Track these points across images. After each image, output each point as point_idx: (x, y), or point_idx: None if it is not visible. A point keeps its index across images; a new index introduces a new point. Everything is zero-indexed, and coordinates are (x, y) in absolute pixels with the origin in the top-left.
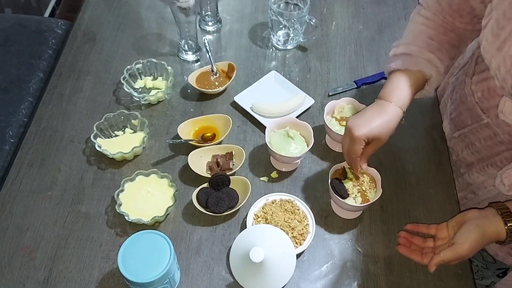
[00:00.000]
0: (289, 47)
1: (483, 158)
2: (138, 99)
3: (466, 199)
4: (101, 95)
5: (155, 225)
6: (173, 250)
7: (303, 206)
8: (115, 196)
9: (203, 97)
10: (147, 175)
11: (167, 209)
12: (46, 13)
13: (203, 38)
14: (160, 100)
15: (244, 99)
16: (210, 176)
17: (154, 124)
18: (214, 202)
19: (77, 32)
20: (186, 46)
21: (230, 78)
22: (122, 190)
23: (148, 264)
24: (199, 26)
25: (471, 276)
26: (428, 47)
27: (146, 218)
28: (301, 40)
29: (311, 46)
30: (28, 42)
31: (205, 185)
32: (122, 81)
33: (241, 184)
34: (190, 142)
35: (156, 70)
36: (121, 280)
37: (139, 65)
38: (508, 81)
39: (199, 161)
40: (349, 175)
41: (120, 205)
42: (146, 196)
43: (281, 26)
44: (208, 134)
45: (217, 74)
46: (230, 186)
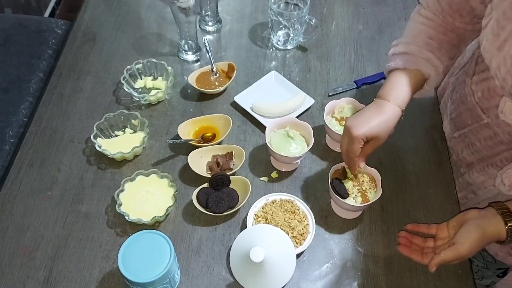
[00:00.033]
0: (289, 47)
1: (483, 158)
2: (138, 99)
3: (466, 199)
4: (101, 95)
5: (155, 225)
6: (173, 250)
7: (303, 206)
8: (115, 196)
9: (203, 97)
10: (147, 175)
11: (167, 209)
12: (46, 13)
13: (203, 38)
14: (160, 100)
15: (244, 99)
16: (210, 176)
17: (154, 124)
18: (214, 202)
19: (77, 32)
20: (186, 46)
21: (230, 78)
22: (122, 190)
23: (148, 264)
24: (199, 26)
25: (471, 276)
26: (428, 47)
27: (146, 218)
28: (301, 40)
29: (311, 46)
30: (28, 42)
31: (205, 185)
32: (122, 81)
33: (241, 184)
34: (190, 142)
35: (156, 70)
36: (121, 280)
37: (139, 65)
38: (508, 81)
39: (199, 161)
40: (349, 175)
41: (120, 205)
42: (146, 196)
43: (281, 26)
44: (208, 134)
45: (217, 74)
46: (230, 186)
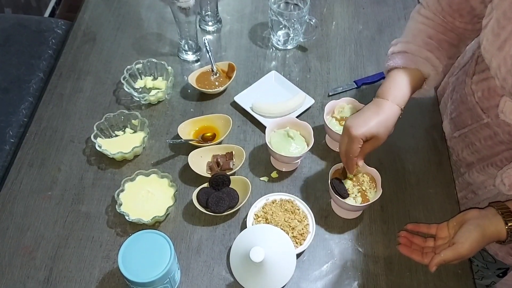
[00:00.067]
0: (289, 47)
1: (483, 158)
2: (138, 99)
3: (466, 199)
4: (101, 95)
5: (156, 225)
6: (174, 250)
7: (303, 206)
8: (116, 196)
9: (203, 97)
10: (147, 175)
11: (167, 209)
12: (46, 13)
13: (203, 38)
14: (160, 100)
15: (244, 99)
16: (210, 176)
17: (154, 124)
18: (214, 202)
19: (77, 32)
20: (186, 46)
21: (230, 78)
22: (123, 190)
23: (149, 264)
24: (199, 26)
25: (471, 276)
26: (427, 46)
27: (147, 218)
28: (301, 40)
29: (311, 46)
30: (28, 42)
31: (205, 185)
32: (122, 81)
33: (241, 184)
34: (190, 142)
35: (156, 70)
36: (122, 280)
37: (139, 65)
38: (509, 81)
39: (199, 161)
40: (349, 175)
41: (121, 205)
42: (147, 196)
43: (281, 26)
44: (208, 134)
45: (217, 74)
46: (230, 186)
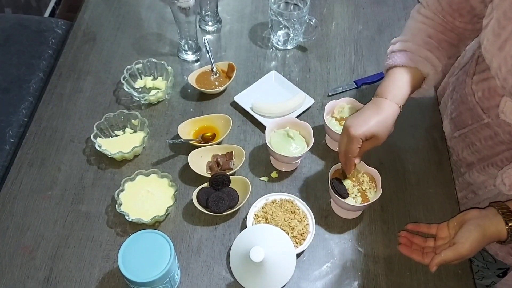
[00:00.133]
0: (289, 47)
1: (484, 158)
2: (138, 99)
3: (467, 199)
4: (101, 95)
5: (155, 225)
6: (173, 250)
7: (303, 206)
8: (115, 196)
9: (203, 97)
10: (147, 175)
11: (167, 209)
12: (46, 13)
13: (203, 38)
14: (160, 100)
15: (244, 99)
16: (210, 176)
17: (154, 124)
18: (214, 202)
19: (77, 32)
20: (186, 46)
21: (230, 78)
22: (122, 190)
23: (149, 264)
24: (199, 26)
25: (471, 276)
26: (426, 46)
27: (146, 218)
28: (301, 40)
29: (311, 46)
30: (28, 42)
31: (205, 185)
32: (122, 81)
33: (241, 184)
34: (190, 142)
35: (156, 70)
36: (122, 280)
37: (139, 65)
38: (509, 81)
39: (199, 161)
40: (349, 175)
41: (120, 205)
42: (146, 196)
43: (281, 26)
44: (208, 134)
45: (217, 74)
46: (230, 186)
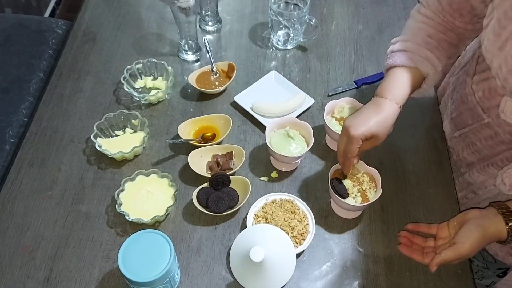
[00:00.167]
0: (289, 47)
1: (484, 158)
2: (138, 99)
3: (467, 199)
4: (101, 95)
5: (155, 225)
6: (173, 250)
7: (303, 206)
8: (115, 196)
9: (203, 97)
10: (147, 175)
11: (167, 209)
12: (46, 13)
13: (203, 38)
14: (160, 100)
15: (244, 99)
16: (210, 176)
17: (154, 124)
18: (214, 202)
19: (77, 32)
20: (186, 46)
21: (230, 78)
22: (122, 190)
23: (149, 264)
24: (199, 26)
25: (471, 276)
26: (426, 45)
27: (146, 218)
28: (301, 40)
29: (311, 46)
30: (29, 42)
31: (205, 185)
32: (122, 81)
33: (241, 184)
34: (190, 142)
35: (156, 70)
36: (122, 280)
37: (139, 65)
38: (510, 81)
39: (199, 161)
40: (349, 175)
41: (121, 205)
42: (146, 196)
43: (281, 26)
44: (208, 134)
45: (217, 74)
46: (230, 186)
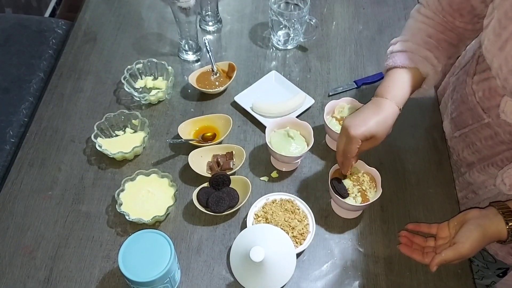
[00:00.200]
0: (289, 47)
1: (484, 158)
2: (139, 99)
3: (467, 199)
4: (102, 95)
5: (156, 225)
6: (174, 250)
7: (303, 206)
8: (116, 196)
9: (204, 97)
10: (148, 175)
11: (168, 209)
12: (47, 13)
13: (204, 38)
14: (161, 100)
15: (245, 99)
16: (211, 176)
17: (155, 124)
18: (215, 202)
19: (78, 32)
20: (187, 46)
21: (231, 78)
22: (123, 190)
23: (149, 264)
24: (200, 26)
25: (471, 276)
26: (426, 45)
27: (147, 218)
28: (301, 40)
29: (311, 46)
30: (29, 42)
31: (206, 185)
32: (123, 81)
33: (242, 184)
34: (191, 142)
35: (157, 70)
36: (122, 280)
37: (140, 65)
38: (510, 81)
39: (200, 161)
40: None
41: (121, 205)
42: (147, 196)
43: (282, 26)
44: (209, 134)
45: (218, 74)
46: (231, 186)
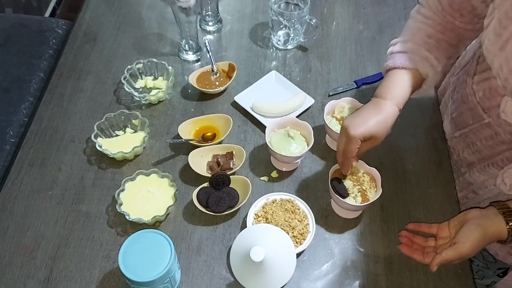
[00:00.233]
0: (290, 47)
1: (484, 158)
2: (139, 99)
3: (467, 199)
4: (102, 95)
5: (156, 225)
6: (174, 250)
7: (303, 206)
8: (116, 196)
9: (204, 97)
10: (148, 175)
11: (168, 209)
12: (47, 13)
13: (204, 38)
14: (161, 100)
15: (245, 99)
16: (211, 176)
17: (155, 124)
18: (215, 202)
19: (78, 32)
20: (187, 46)
21: (231, 78)
22: (123, 190)
23: (149, 264)
24: (200, 26)
25: (471, 276)
26: (426, 45)
27: (147, 218)
28: (302, 40)
29: (312, 46)
30: (29, 42)
31: (206, 185)
32: (123, 81)
33: (242, 184)
34: (191, 142)
35: (157, 70)
36: (122, 280)
37: (140, 65)
38: (510, 81)
39: (200, 161)
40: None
41: (121, 205)
42: (147, 196)
43: (282, 26)
44: (209, 134)
45: (218, 74)
46: (231, 186)
